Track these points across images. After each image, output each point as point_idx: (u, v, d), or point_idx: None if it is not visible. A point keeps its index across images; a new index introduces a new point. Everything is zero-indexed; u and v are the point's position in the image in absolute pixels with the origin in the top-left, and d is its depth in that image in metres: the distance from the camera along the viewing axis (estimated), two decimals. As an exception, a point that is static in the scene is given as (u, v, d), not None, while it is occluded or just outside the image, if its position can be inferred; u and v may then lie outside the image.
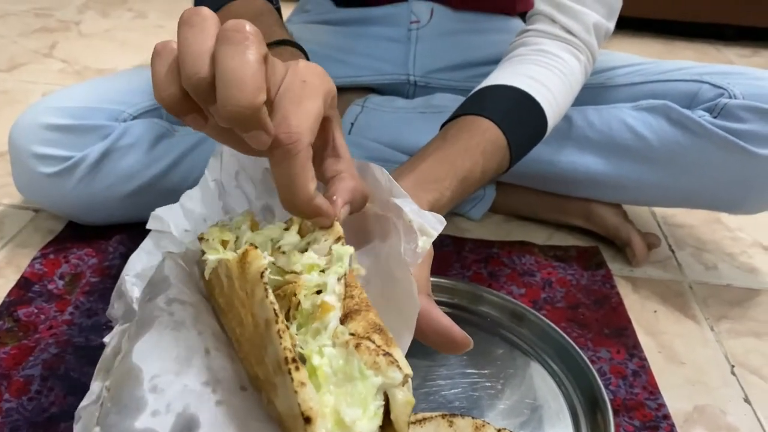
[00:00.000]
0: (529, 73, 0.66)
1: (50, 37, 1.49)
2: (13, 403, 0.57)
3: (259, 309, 0.32)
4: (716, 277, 0.85)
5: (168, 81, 0.34)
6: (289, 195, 0.35)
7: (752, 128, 0.72)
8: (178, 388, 0.34)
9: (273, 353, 0.31)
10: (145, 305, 0.39)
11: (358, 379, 0.32)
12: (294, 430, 0.31)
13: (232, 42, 0.32)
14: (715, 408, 0.64)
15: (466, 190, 0.58)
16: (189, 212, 0.49)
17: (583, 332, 0.71)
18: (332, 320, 0.33)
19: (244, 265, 0.34)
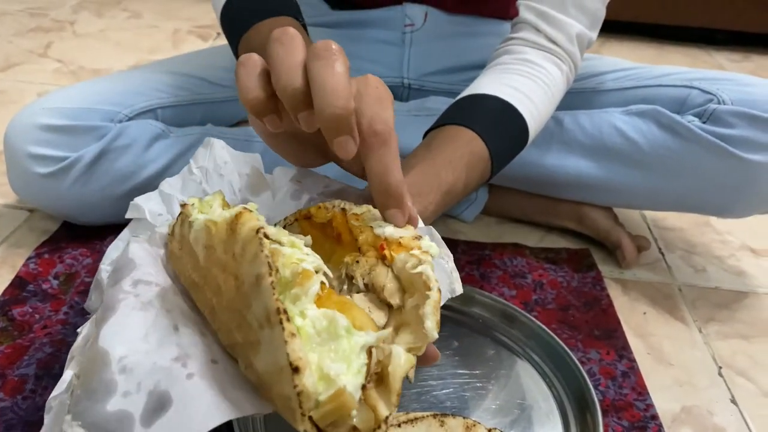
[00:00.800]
0: (513, 84, 0.67)
1: (45, 37, 1.49)
2: (8, 402, 0.57)
3: (249, 266, 0.32)
4: (705, 280, 0.86)
5: (255, 86, 0.39)
6: (385, 180, 0.39)
7: (741, 134, 0.73)
8: (147, 367, 0.34)
9: (260, 308, 0.31)
10: (109, 289, 0.39)
11: (342, 337, 0.32)
12: (276, 386, 0.31)
13: (323, 57, 0.37)
14: (702, 409, 0.65)
15: (448, 203, 0.59)
16: (167, 197, 0.48)
17: (574, 333, 0.72)
18: (313, 285, 0.33)
19: (235, 226, 0.34)
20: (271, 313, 0.31)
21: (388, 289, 0.39)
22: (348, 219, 0.41)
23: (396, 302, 0.39)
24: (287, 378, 0.30)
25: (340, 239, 0.43)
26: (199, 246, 0.38)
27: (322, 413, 0.31)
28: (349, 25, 0.95)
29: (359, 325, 0.33)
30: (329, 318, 0.33)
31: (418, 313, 0.37)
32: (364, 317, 0.35)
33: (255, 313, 0.32)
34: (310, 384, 0.30)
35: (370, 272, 0.40)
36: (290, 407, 0.31)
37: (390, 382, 0.33)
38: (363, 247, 0.41)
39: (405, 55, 0.94)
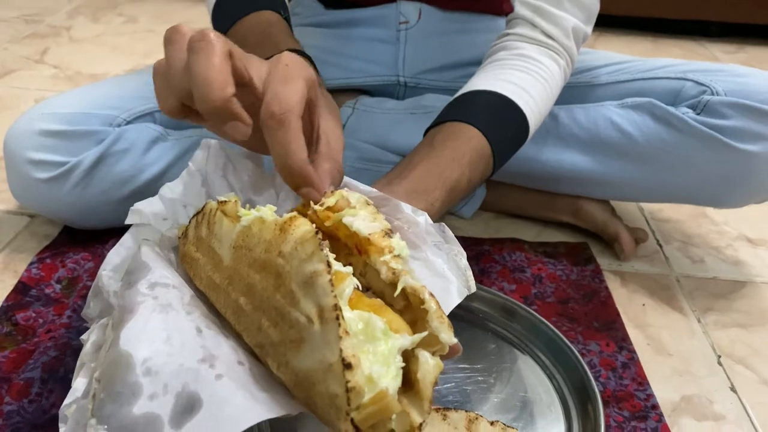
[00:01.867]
0: (511, 79, 0.67)
1: (41, 43, 1.49)
2: (14, 405, 0.58)
3: (302, 264, 0.32)
4: (703, 270, 0.86)
5: (165, 95, 0.40)
6: (285, 160, 0.40)
7: (735, 124, 0.74)
8: (173, 368, 0.33)
9: (311, 305, 0.31)
10: (125, 292, 0.38)
11: (380, 339, 0.32)
12: (320, 384, 0.31)
13: (196, 50, 0.38)
14: (702, 397, 0.66)
15: (452, 200, 0.60)
16: (168, 201, 0.48)
17: (573, 326, 0.73)
18: (347, 287, 0.33)
19: (287, 227, 0.34)
20: (326, 310, 0.30)
21: (387, 294, 0.39)
22: (321, 219, 0.41)
23: (401, 304, 0.38)
24: (336, 375, 0.30)
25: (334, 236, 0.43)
26: (224, 247, 0.38)
27: (364, 415, 0.30)
28: (343, 24, 0.96)
29: (395, 327, 0.33)
30: (365, 320, 0.32)
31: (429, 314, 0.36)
32: (398, 320, 0.35)
33: (303, 310, 0.32)
34: (362, 382, 0.30)
35: (364, 274, 0.40)
36: (335, 405, 0.30)
37: (421, 388, 0.33)
38: (348, 244, 0.41)
39: (400, 53, 0.94)
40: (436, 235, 0.48)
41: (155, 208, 0.48)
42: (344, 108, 0.92)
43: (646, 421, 0.62)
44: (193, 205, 0.48)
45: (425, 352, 0.34)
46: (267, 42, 0.62)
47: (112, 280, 0.44)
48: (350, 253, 0.41)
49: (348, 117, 0.91)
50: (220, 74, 0.38)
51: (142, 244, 0.42)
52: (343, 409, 0.30)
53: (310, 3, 0.98)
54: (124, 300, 0.38)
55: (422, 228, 0.47)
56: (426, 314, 0.36)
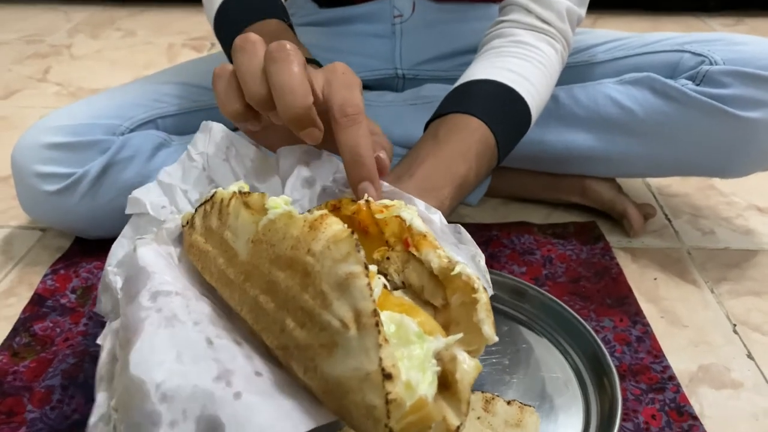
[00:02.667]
0: (510, 67, 0.67)
1: (43, 62, 1.51)
2: (37, 413, 0.59)
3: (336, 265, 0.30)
4: (713, 242, 0.86)
5: (231, 98, 0.44)
6: (356, 151, 0.43)
7: (735, 92, 0.74)
8: (188, 391, 0.32)
9: (346, 308, 0.30)
10: (127, 307, 0.36)
11: (414, 343, 0.31)
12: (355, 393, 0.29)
13: (278, 60, 0.41)
14: (719, 366, 0.66)
15: (461, 195, 0.59)
16: (167, 187, 0.47)
17: (586, 304, 0.73)
18: (376, 287, 0.32)
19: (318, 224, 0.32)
20: (364, 315, 0.29)
21: (428, 289, 0.38)
22: (373, 212, 0.41)
23: (440, 302, 0.37)
24: (375, 385, 0.28)
25: (366, 232, 0.42)
26: (240, 241, 0.36)
27: (403, 425, 0.29)
28: (338, 22, 0.96)
29: (428, 329, 0.32)
30: (397, 322, 0.31)
31: (468, 313, 0.36)
32: (430, 320, 0.33)
33: (337, 313, 0.30)
34: (402, 393, 0.28)
35: (403, 269, 0.39)
36: (372, 417, 0.29)
37: (459, 390, 0.31)
38: (390, 240, 0.41)
39: (396, 46, 0.94)
40: (452, 236, 0.47)
41: (153, 196, 0.46)
42: (345, 103, 0.92)
43: (663, 392, 0.62)
44: (194, 190, 0.47)
45: (463, 353, 0.32)
46: None
47: (118, 276, 0.43)
48: (390, 248, 0.40)
49: (349, 112, 0.91)
50: (302, 84, 0.41)
51: (138, 245, 0.40)
52: (382, 421, 0.28)
53: (304, 3, 0.99)
54: (128, 318, 0.36)
55: (437, 227, 0.46)
56: (474, 304, 0.35)
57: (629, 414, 0.59)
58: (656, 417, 0.59)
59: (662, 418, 0.59)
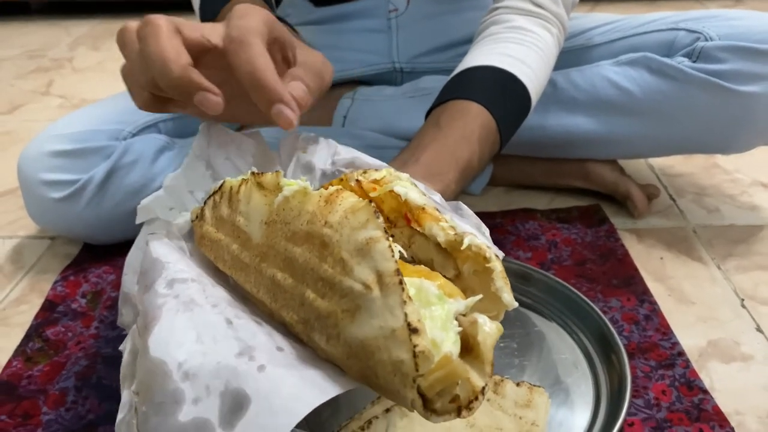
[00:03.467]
0: (507, 52, 0.67)
1: (46, 76, 1.52)
2: (52, 414, 0.59)
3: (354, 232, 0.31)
4: (719, 219, 0.86)
5: (136, 91, 0.44)
6: (252, 77, 0.40)
7: (731, 67, 0.74)
8: (211, 368, 0.32)
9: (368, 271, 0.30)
10: (144, 296, 0.37)
11: (435, 304, 0.31)
12: (382, 352, 0.30)
13: (144, 36, 0.40)
14: (728, 340, 0.66)
15: (466, 180, 0.60)
16: (173, 190, 0.47)
17: (593, 286, 0.73)
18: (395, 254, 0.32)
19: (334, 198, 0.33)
20: (387, 275, 0.29)
21: (437, 262, 0.38)
22: (366, 190, 0.41)
23: (452, 273, 0.37)
24: (401, 341, 0.29)
25: None
26: (253, 223, 0.37)
27: (430, 381, 0.29)
28: (334, 19, 0.97)
29: (448, 292, 0.32)
30: (417, 285, 0.31)
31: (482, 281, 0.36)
32: (450, 284, 0.33)
33: (359, 277, 0.30)
34: (429, 346, 0.29)
35: (410, 245, 0.39)
36: (400, 372, 0.29)
37: (482, 351, 0.31)
38: (390, 217, 0.40)
39: (393, 40, 0.95)
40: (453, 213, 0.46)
41: (161, 201, 0.47)
42: (344, 99, 0.93)
43: (673, 368, 0.62)
44: (199, 189, 0.48)
45: (483, 316, 0.32)
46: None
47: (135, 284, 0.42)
48: (393, 225, 0.40)
49: (348, 108, 0.92)
50: (171, 48, 0.39)
51: (150, 239, 0.41)
52: (410, 375, 0.29)
53: (301, 2, 0.99)
54: (145, 305, 0.36)
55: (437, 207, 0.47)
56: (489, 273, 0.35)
57: (639, 391, 0.59)
58: (666, 392, 0.59)
59: (672, 393, 0.59)
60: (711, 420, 0.56)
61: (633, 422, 0.56)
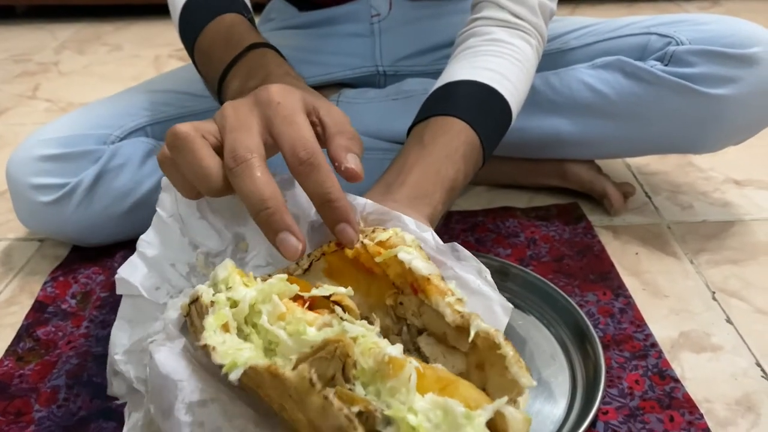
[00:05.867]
0: (488, 66, 0.67)
1: (32, 80, 1.53)
2: (44, 412, 0.61)
3: (322, 418, 0.30)
4: (692, 215, 0.89)
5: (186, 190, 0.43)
6: (326, 199, 0.41)
7: (701, 71, 0.76)
8: None
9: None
10: (165, 424, 0.35)
11: (465, 425, 0.30)
12: None
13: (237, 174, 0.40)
14: (699, 332, 0.68)
15: (452, 199, 0.59)
16: (152, 262, 0.44)
17: (570, 281, 0.75)
18: (410, 374, 0.31)
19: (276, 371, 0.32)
20: None
21: (450, 336, 0.38)
22: (372, 254, 0.40)
23: (465, 347, 0.37)
24: None
25: (372, 272, 0.42)
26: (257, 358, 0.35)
27: None
28: (318, 24, 0.99)
29: (474, 405, 0.31)
30: (442, 407, 0.31)
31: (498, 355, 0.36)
32: (473, 391, 0.33)
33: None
34: None
35: (420, 315, 0.39)
36: None
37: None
38: (396, 282, 0.40)
39: (376, 44, 0.97)
40: (450, 254, 0.46)
41: (141, 274, 0.44)
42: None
43: (646, 359, 0.64)
44: (180, 261, 0.45)
45: (510, 408, 0.32)
46: (231, 43, 0.64)
47: (129, 365, 0.42)
48: (400, 291, 0.40)
49: (332, 110, 0.93)
50: (265, 186, 0.40)
51: (153, 351, 0.38)
52: None
53: (284, 8, 1.01)
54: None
55: (432, 245, 0.45)
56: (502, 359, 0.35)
57: (614, 381, 0.62)
58: (639, 382, 0.62)
59: (645, 383, 0.61)
60: (681, 407, 0.59)
61: (607, 411, 0.59)
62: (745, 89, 0.75)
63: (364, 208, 0.45)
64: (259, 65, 0.61)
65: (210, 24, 0.67)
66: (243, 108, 0.43)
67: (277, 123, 0.42)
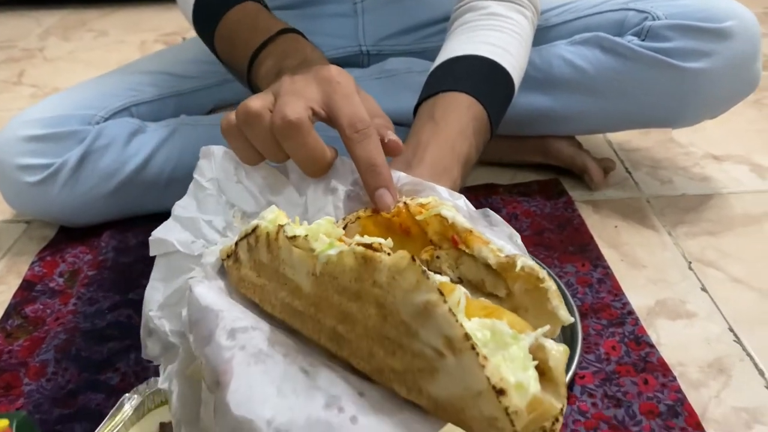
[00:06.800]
0: (489, 40, 0.68)
1: (17, 66, 1.53)
2: (33, 385, 0.62)
3: (407, 294, 0.30)
4: (672, 190, 0.90)
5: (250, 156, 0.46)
6: (372, 162, 0.44)
7: (677, 45, 0.78)
8: (302, 423, 0.32)
9: (435, 336, 0.30)
10: (205, 350, 0.36)
11: (511, 344, 0.31)
12: (471, 409, 0.30)
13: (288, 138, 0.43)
14: (675, 300, 0.70)
15: (467, 172, 0.60)
16: (188, 222, 0.45)
17: (550, 253, 0.77)
18: (460, 298, 0.31)
19: (371, 258, 0.32)
20: (456, 341, 0.29)
21: (488, 282, 0.39)
22: (413, 213, 0.42)
23: (503, 292, 0.38)
24: (489, 401, 0.29)
25: (408, 233, 0.43)
26: (300, 274, 0.36)
27: (525, 423, 0.30)
28: (303, 4, 0.99)
29: (519, 328, 0.32)
30: (490, 328, 0.31)
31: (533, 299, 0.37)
32: (516, 318, 0.34)
33: (426, 341, 0.30)
34: (519, 403, 0.29)
35: (457, 266, 0.40)
36: (497, 427, 0.30)
37: (555, 375, 0.32)
38: (434, 239, 0.41)
39: (359, 24, 0.98)
40: (482, 220, 0.47)
41: (177, 233, 0.45)
42: (312, 82, 0.95)
43: (623, 326, 0.66)
44: (217, 218, 0.46)
45: (550, 341, 0.32)
46: (258, 28, 0.65)
47: (164, 319, 0.43)
48: (438, 247, 0.41)
49: (316, 90, 0.94)
50: (317, 150, 0.44)
51: (193, 285, 0.39)
52: (507, 428, 0.29)
53: (268, -12, 1.02)
54: (210, 359, 0.35)
55: (465, 212, 0.46)
56: (543, 293, 0.36)
57: (591, 347, 0.63)
58: (616, 348, 0.63)
59: (621, 348, 0.63)
60: (655, 371, 0.60)
61: (584, 375, 0.60)
62: (719, 63, 0.76)
63: (398, 180, 0.46)
64: (294, 48, 0.63)
65: (230, 12, 0.69)
66: (301, 81, 0.47)
67: (337, 99, 0.45)
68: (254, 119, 0.44)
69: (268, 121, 0.43)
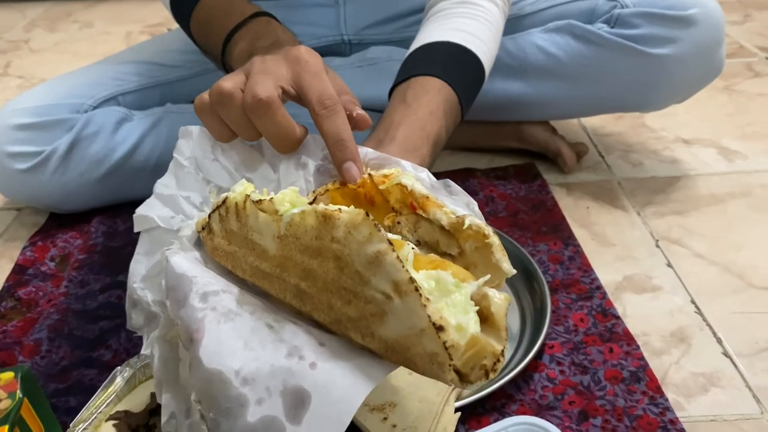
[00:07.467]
0: (461, 27, 0.71)
1: (3, 58, 1.54)
2: (28, 362, 0.64)
3: (361, 246, 0.34)
4: (642, 172, 0.94)
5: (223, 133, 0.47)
6: (339, 137, 0.46)
7: (645, 32, 0.81)
8: (266, 371, 0.35)
9: (384, 282, 0.33)
10: (180, 312, 0.39)
11: (453, 291, 0.34)
12: (416, 347, 0.33)
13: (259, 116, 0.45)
14: (641, 275, 0.74)
15: (437, 152, 0.64)
16: (168, 199, 0.48)
17: (524, 233, 0.80)
18: (408, 253, 0.35)
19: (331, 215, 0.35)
20: (402, 284, 0.33)
21: (442, 243, 0.42)
22: (376, 183, 0.45)
23: (455, 251, 0.41)
24: (431, 337, 0.32)
25: (373, 202, 0.46)
26: (266, 238, 0.39)
27: (463, 361, 0.33)
28: (284, -5, 1.02)
29: (462, 277, 0.35)
30: (435, 278, 0.34)
31: (483, 255, 0.40)
32: (460, 269, 0.37)
33: (377, 287, 0.34)
34: (456, 337, 0.32)
35: (415, 230, 0.43)
36: (436, 362, 0.33)
37: (497, 320, 0.35)
38: (396, 207, 0.44)
39: (341, 14, 1.00)
40: (443, 190, 0.50)
41: (158, 210, 0.47)
42: (294, 71, 0.98)
43: (591, 300, 0.69)
44: (194, 194, 0.49)
45: (491, 290, 0.36)
46: (233, 11, 0.68)
47: (147, 290, 0.45)
48: (398, 213, 0.44)
49: (299, 78, 0.97)
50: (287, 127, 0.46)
51: (169, 255, 0.42)
52: (446, 363, 0.33)
53: (251, -21, 1.04)
54: (184, 319, 0.39)
55: (427, 183, 0.49)
56: (489, 248, 0.39)
57: (560, 320, 0.67)
58: (584, 320, 0.67)
59: (589, 321, 0.67)
60: (620, 340, 0.64)
61: (553, 345, 0.64)
62: (684, 49, 0.80)
63: (366, 155, 0.49)
64: (265, 31, 0.66)
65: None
66: (271, 61, 0.48)
67: (306, 77, 0.47)
68: (227, 98, 0.46)
69: (240, 100, 0.45)
